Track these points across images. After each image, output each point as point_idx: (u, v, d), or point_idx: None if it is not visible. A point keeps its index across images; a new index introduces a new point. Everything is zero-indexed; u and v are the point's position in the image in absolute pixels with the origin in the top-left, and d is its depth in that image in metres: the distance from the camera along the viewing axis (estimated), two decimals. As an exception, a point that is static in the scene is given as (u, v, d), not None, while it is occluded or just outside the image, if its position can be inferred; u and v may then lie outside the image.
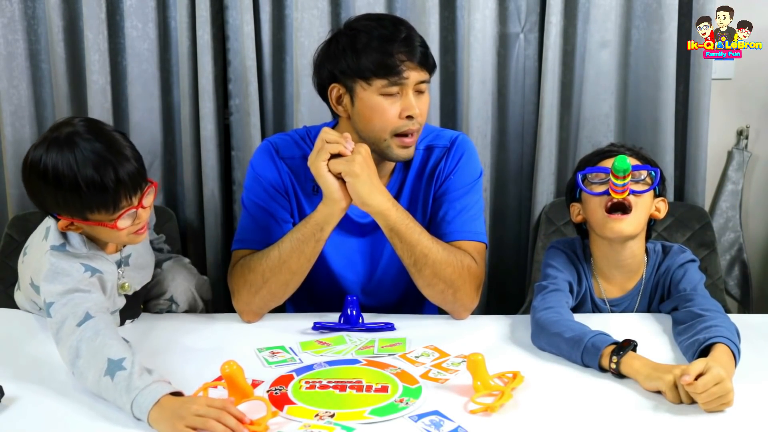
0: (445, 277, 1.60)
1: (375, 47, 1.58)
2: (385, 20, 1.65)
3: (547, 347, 1.49)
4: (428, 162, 1.76)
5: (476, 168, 1.77)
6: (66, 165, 1.39)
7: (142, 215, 1.49)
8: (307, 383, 1.34)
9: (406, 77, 1.59)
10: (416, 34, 1.63)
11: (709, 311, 1.49)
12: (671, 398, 1.26)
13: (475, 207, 1.74)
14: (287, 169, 1.75)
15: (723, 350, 1.34)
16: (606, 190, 1.57)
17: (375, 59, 1.58)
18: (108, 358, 1.29)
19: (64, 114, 2.31)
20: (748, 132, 2.40)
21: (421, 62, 1.61)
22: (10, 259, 2.13)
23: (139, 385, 1.23)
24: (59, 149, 1.40)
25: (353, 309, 1.63)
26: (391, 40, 1.59)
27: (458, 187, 1.73)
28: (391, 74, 1.58)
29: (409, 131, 1.63)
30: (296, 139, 1.77)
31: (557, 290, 1.60)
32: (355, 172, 1.51)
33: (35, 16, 2.32)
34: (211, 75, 2.26)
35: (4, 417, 1.25)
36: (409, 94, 1.60)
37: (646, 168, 1.61)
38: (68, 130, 1.43)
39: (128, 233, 1.49)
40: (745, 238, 2.44)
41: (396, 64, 1.58)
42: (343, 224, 1.73)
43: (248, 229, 1.73)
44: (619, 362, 1.35)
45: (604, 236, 1.61)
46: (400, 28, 1.62)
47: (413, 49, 1.59)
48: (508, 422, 1.23)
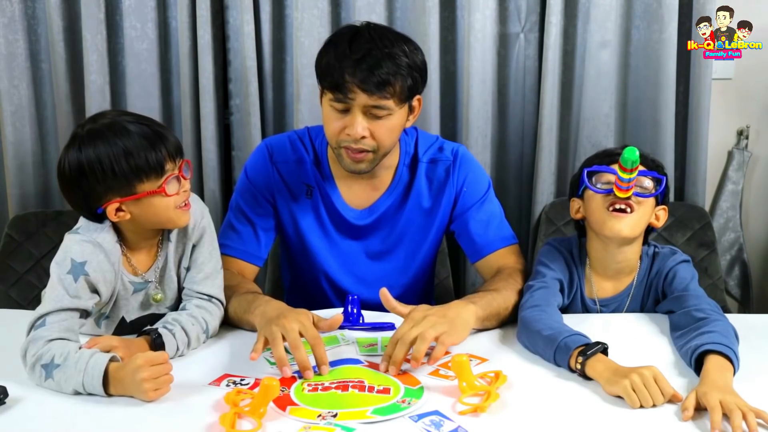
0: (514, 313, 1.62)
1: (331, 59, 1.58)
2: (361, 36, 1.58)
3: (528, 345, 1.49)
4: (434, 175, 1.78)
5: (484, 178, 1.82)
6: (114, 141, 1.41)
7: (185, 185, 1.49)
8: (310, 386, 1.34)
9: (351, 98, 1.57)
10: (386, 60, 1.55)
11: (705, 312, 1.49)
12: (630, 403, 1.25)
13: (495, 214, 1.79)
14: (279, 175, 1.76)
15: (715, 362, 1.32)
16: (610, 189, 1.57)
17: (326, 71, 1.59)
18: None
19: (64, 114, 2.31)
20: (748, 132, 2.41)
21: (374, 88, 1.55)
22: (10, 259, 2.13)
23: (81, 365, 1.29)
24: (103, 137, 1.42)
25: (354, 308, 1.63)
26: (345, 58, 1.56)
27: (473, 202, 1.77)
28: (335, 90, 1.58)
29: (350, 147, 1.63)
30: (293, 141, 1.78)
31: (546, 288, 1.60)
32: (455, 333, 1.44)
33: (35, 16, 2.32)
34: (211, 75, 2.26)
35: (9, 417, 1.25)
36: (355, 114, 1.59)
37: (653, 174, 1.61)
38: (104, 121, 1.45)
39: (176, 205, 1.47)
40: (746, 238, 2.44)
41: (341, 83, 1.56)
42: (339, 226, 1.74)
43: (230, 234, 1.76)
44: (584, 364, 1.34)
45: (603, 235, 1.61)
46: (365, 48, 1.56)
47: (367, 73, 1.54)
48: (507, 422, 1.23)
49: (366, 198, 1.78)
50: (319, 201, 1.77)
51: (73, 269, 1.43)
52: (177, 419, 1.24)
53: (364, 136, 1.60)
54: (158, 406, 1.28)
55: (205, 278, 1.58)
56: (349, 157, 1.65)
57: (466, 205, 1.78)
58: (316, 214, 1.77)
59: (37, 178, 2.39)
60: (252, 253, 1.76)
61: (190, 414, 1.25)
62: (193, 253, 1.59)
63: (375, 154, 1.65)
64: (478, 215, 1.77)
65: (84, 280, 1.44)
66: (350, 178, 1.75)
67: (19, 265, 2.14)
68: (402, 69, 1.57)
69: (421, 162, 1.78)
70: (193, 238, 1.58)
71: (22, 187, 2.37)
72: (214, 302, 1.58)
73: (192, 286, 1.58)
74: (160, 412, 1.27)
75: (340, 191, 1.77)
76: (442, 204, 1.78)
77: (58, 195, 2.40)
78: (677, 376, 1.36)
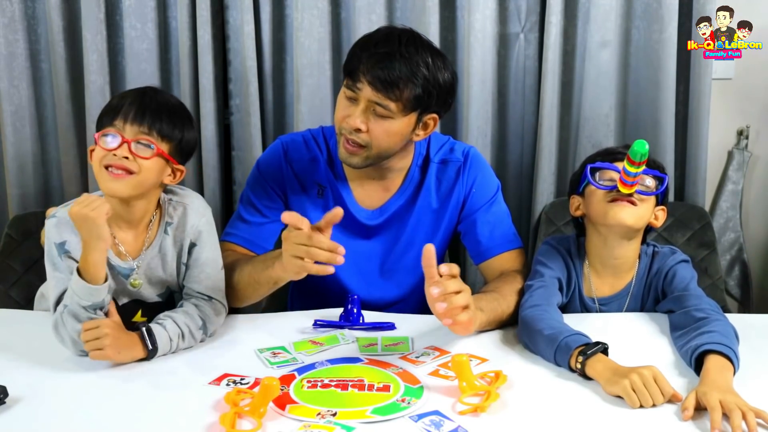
0: (515, 315, 1.62)
1: (356, 48, 1.61)
2: (392, 36, 1.59)
3: (529, 345, 1.49)
4: (444, 176, 1.78)
5: (494, 181, 1.83)
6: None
7: (122, 152, 1.46)
8: (309, 382, 1.34)
9: (359, 88, 1.58)
10: (403, 63, 1.55)
11: (705, 312, 1.49)
12: (630, 403, 1.25)
13: (502, 217, 1.80)
14: (292, 173, 1.77)
15: (715, 362, 1.32)
16: (614, 185, 1.57)
17: (349, 57, 1.62)
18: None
19: (64, 114, 2.32)
20: (748, 132, 2.41)
21: (381, 85, 1.55)
22: (10, 259, 2.13)
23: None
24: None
25: (354, 307, 1.63)
26: (367, 50, 1.58)
27: (482, 204, 1.78)
28: (348, 76, 1.60)
29: (344, 137, 1.63)
30: (308, 140, 1.80)
31: (545, 287, 1.60)
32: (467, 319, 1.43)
33: (35, 16, 2.32)
34: (211, 75, 2.26)
35: (9, 417, 1.25)
36: (359, 105, 1.59)
37: (655, 173, 1.61)
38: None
39: (101, 161, 1.47)
40: (746, 238, 2.44)
41: (354, 71, 1.58)
42: (348, 226, 1.74)
43: (237, 224, 1.78)
44: (584, 363, 1.34)
45: (605, 224, 1.60)
46: (388, 47, 1.56)
47: (378, 70, 1.55)
48: (507, 422, 1.23)
49: (377, 198, 1.78)
50: (330, 200, 1.77)
51: (58, 250, 1.48)
52: (177, 419, 1.24)
53: (360, 129, 1.60)
54: (158, 406, 1.28)
55: (205, 278, 1.59)
56: (344, 146, 1.65)
57: (475, 207, 1.78)
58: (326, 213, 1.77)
59: (37, 178, 2.39)
60: (256, 243, 1.75)
61: (190, 414, 1.25)
62: (192, 253, 1.59)
63: (369, 152, 1.64)
64: (486, 217, 1.78)
65: (67, 258, 1.48)
66: (362, 179, 1.76)
67: (19, 265, 2.13)
68: (416, 77, 1.57)
69: (432, 162, 1.78)
70: (191, 235, 1.58)
71: (22, 187, 2.37)
72: (214, 302, 1.59)
73: (192, 286, 1.59)
74: (160, 412, 1.27)
75: (353, 191, 1.77)
76: (450, 205, 1.79)
77: (58, 195, 2.40)
78: (677, 376, 1.36)
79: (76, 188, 2.35)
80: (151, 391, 1.34)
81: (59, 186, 2.41)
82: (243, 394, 1.28)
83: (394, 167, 1.74)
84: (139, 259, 1.55)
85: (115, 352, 1.39)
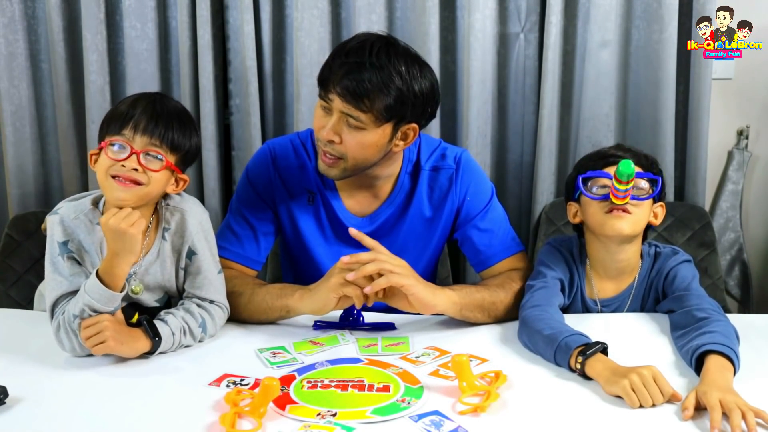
0: (509, 310, 1.65)
1: (329, 57, 1.58)
2: (365, 45, 1.54)
3: (529, 344, 1.50)
4: (436, 184, 1.75)
5: (487, 185, 1.80)
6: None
7: (131, 163, 1.44)
8: (309, 383, 1.34)
9: (331, 99, 1.55)
10: (374, 73, 1.51)
11: (706, 312, 1.49)
12: (630, 403, 1.25)
13: (499, 222, 1.77)
14: (280, 180, 1.75)
15: (715, 362, 1.32)
16: (607, 194, 1.57)
17: (322, 67, 1.59)
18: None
19: (64, 114, 2.32)
20: (748, 132, 2.41)
21: (350, 96, 1.52)
22: (10, 259, 2.13)
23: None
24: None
25: (354, 308, 1.63)
26: (337, 60, 1.55)
27: (477, 211, 1.75)
28: (321, 86, 1.58)
29: (321, 149, 1.62)
30: (297, 146, 1.77)
31: (546, 288, 1.61)
32: (413, 281, 1.52)
33: (35, 16, 2.32)
34: (211, 75, 2.26)
35: (9, 417, 1.25)
36: (332, 116, 1.57)
37: (648, 176, 1.61)
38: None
39: (108, 170, 1.45)
40: (745, 238, 2.44)
41: (325, 82, 1.56)
42: (339, 234, 1.74)
43: (229, 236, 1.75)
44: (584, 363, 1.34)
45: (604, 234, 1.61)
46: (359, 56, 1.52)
47: (347, 80, 1.51)
48: (507, 422, 1.23)
49: (367, 206, 1.76)
50: (320, 207, 1.75)
51: (60, 249, 1.48)
52: (177, 419, 1.24)
53: (333, 140, 1.57)
54: (158, 407, 1.28)
55: (207, 284, 1.58)
56: (322, 159, 1.63)
57: (470, 215, 1.76)
58: (317, 220, 1.77)
59: (37, 178, 2.39)
60: (251, 258, 1.74)
61: (190, 414, 1.25)
62: (192, 260, 1.58)
63: (345, 164, 1.61)
64: (482, 224, 1.75)
65: (69, 258, 1.48)
66: (351, 186, 1.74)
67: (19, 265, 2.14)
68: (388, 88, 1.52)
69: (423, 170, 1.75)
70: (189, 241, 1.57)
71: (22, 187, 2.37)
72: (215, 305, 1.59)
73: (193, 291, 1.59)
74: (160, 412, 1.27)
75: (342, 198, 1.75)
76: (444, 213, 1.76)
77: (58, 195, 2.40)
78: (677, 376, 1.36)
79: (76, 188, 2.35)
80: (152, 391, 1.34)
81: (59, 186, 2.42)
82: (243, 394, 1.28)
83: (381, 175, 1.71)
84: (137, 265, 1.54)
85: (117, 343, 1.39)
